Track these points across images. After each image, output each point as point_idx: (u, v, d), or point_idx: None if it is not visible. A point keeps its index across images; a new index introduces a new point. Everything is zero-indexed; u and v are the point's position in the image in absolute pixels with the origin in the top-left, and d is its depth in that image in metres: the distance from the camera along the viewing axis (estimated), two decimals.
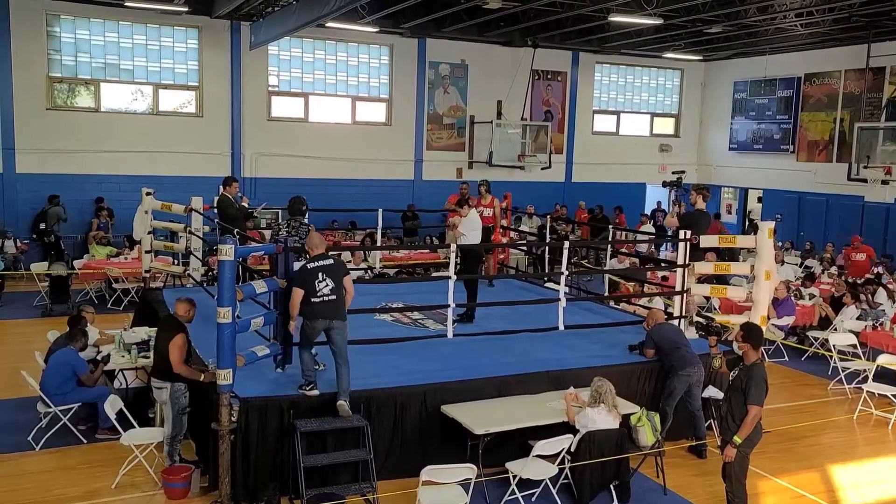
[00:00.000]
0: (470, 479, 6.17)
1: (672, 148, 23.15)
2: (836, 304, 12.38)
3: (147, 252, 11.27)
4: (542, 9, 16.41)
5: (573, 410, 7.01)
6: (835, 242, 17.47)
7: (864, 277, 14.22)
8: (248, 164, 17.91)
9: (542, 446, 6.56)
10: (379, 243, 13.96)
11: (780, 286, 11.53)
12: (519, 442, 6.93)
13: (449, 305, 8.59)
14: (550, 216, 14.50)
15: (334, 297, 6.82)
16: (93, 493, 6.77)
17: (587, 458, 6.67)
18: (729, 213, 21.93)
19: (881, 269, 15.26)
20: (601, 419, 6.84)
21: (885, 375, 10.15)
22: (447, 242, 11.77)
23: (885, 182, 17.81)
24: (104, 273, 13.66)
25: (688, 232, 9.27)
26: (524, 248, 15.82)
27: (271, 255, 7.89)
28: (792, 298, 12.16)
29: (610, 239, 14.16)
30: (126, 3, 15.34)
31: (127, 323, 10.35)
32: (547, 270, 13.08)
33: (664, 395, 7.97)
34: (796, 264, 16.81)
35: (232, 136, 17.73)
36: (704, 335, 9.05)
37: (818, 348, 11.38)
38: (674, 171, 17.32)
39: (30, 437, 7.69)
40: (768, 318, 9.78)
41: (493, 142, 19.80)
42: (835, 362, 10.76)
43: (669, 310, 10.22)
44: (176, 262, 13.16)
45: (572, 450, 6.75)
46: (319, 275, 6.80)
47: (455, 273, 8.74)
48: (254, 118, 17.96)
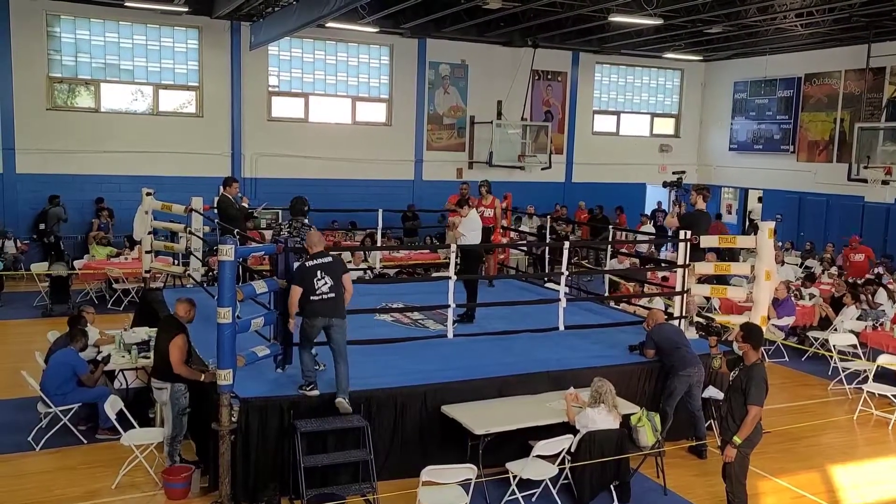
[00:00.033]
0: (470, 479, 6.17)
1: (672, 148, 23.15)
2: (837, 304, 12.38)
3: (147, 252, 11.27)
4: (542, 9, 16.41)
5: (573, 410, 7.01)
6: (835, 243, 17.47)
7: (863, 278, 14.22)
8: (248, 165, 17.91)
9: (543, 446, 6.56)
10: (379, 243, 13.97)
11: (781, 286, 11.52)
12: (519, 442, 6.93)
13: (449, 306, 8.59)
14: (550, 216, 14.50)
15: (333, 295, 6.82)
16: (93, 494, 6.76)
17: (587, 459, 6.67)
18: (729, 213, 21.92)
19: (881, 270, 15.26)
20: (601, 419, 6.84)
21: (886, 376, 10.15)
22: (447, 243, 11.76)
23: (885, 182, 17.81)
24: (104, 273, 13.66)
25: (688, 232, 9.28)
26: (524, 248, 15.82)
27: (272, 256, 7.88)
28: (792, 299, 12.15)
29: (610, 239, 14.16)
30: (126, 4, 15.34)
31: (127, 323, 10.35)
32: (547, 271, 13.09)
33: (664, 395, 7.97)
34: (796, 264, 16.80)
35: (232, 136, 17.73)
36: (704, 335, 9.06)
37: (818, 348, 11.38)
38: (674, 172, 17.31)
39: (30, 438, 7.69)
40: (768, 319, 9.78)
41: (494, 142, 19.78)
42: (835, 362, 10.76)
43: (670, 310, 10.21)
44: (176, 262, 13.15)
45: (572, 450, 6.75)
46: (318, 273, 6.80)
47: (455, 273, 8.74)
48: (254, 118, 17.96)
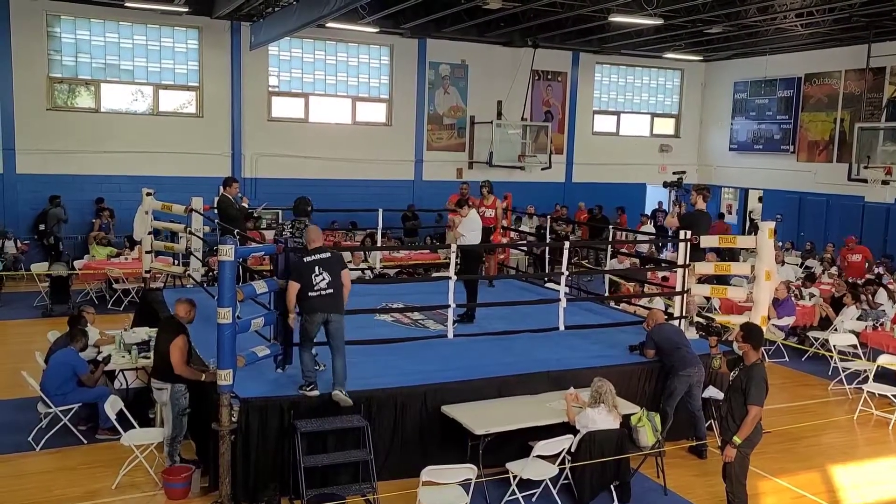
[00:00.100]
0: (470, 479, 6.17)
1: (672, 148, 23.14)
2: (837, 304, 12.37)
3: (147, 252, 11.27)
4: (542, 9, 16.41)
5: (573, 411, 7.01)
6: (835, 243, 17.46)
7: (861, 278, 14.21)
8: (249, 165, 17.90)
9: (543, 446, 6.56)
10: (379, 243, 13.98)
11: (781, 286, 11.52)
12: (519, 442, 6.93)
13: (449, 306, 8.59)
14: (550, 216, 14.49)
15: (331, 291, 6.82)
16: (93, 494, 6.76)
17: (587, 459, 6.67)
18: (729, 213, 21.91)
19: (881, 270, 15.25)
20: (601, 419, 6.83)
21: (886, 376, 10.15)
22: (447, 243, 11.76)
23: (885, 182, 17.80)
24: (104, 273, 13.66)
25: (688, 232, 9.28)
26: (524, 248, 15.82)
27: (272, 256, 7.88)
28: (792, 299, 12.15)
29: (610, 239, 14.15)
30: (126, 4, 15.33)
31: (127, 323, 10.36)
32: (547, 271, 13.08)
33: (664, 395, 7.97)
34: (797, 264, 16.81)
35: (232, 136, 17.73)
36: (705, 335, 9.05)
37: (818, 349, 11.38)
38: (674, 172, 17.29)
39: (30, 438, 7.69)
40: (768, 319, 9.78)
41: (494, 142, 19.77)
42: (835, 362, 10.76)
43: (670, 310, 10.21)
44: (176, 262, 13.16)
45: (572, 450, 6.75)
46: (316, 268, 6.80)
47: (455, 273, 8.74)
48: (254, 118, 17.96)
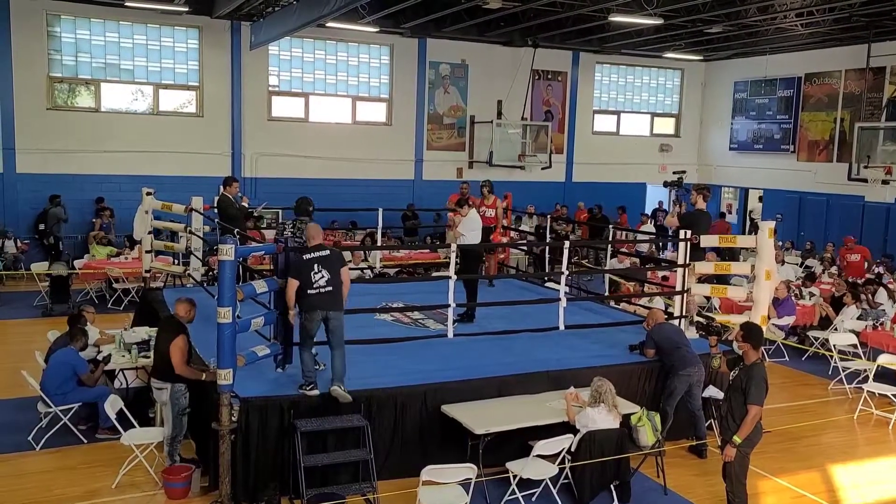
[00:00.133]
0: (470, 479, 6.16)
1: (672, 148, 23.13)
2: (837, 303, 12.37)
3: (147, 252, 11.27)
4: (542, 9, 16.40)
5: (573, 410, 7.00)
6: (835, 242, 17.46)
7: (860, 278, 14.21)
8: (249, 164, 17.90)
9: (543, 446, 6.55)
10: (379, 243, 13.98)
11: (781, 286, 11.52)
12: (519, 442, 6.93)
13: (449, 305, 8.59)
14: (551, 216, 14.49)
15: (330, 289, 6.82)
16: (93, 493, 6.77)
17: (587, 458, 6.67)
18: (729, 213, 21.91)
19: (882, 269, 15.25)
20: (601, 419, 6.83)
21: (886, 375, 10.15)
22: (447, 242, 11.76)
23: (885, 182, 17.80)
24: (104, 273, 13.66)
25: (688, 232, 9.28)
26: (524, 247, 15.82)
27: (273, 255, 7.88)
28: (792, 298, 12.15)
29: (610, 238, 14.15)
30: (126, 3, 15.33)
31: (127, 323, 10.36)
32: (547, 270, 13.08)
33: (664, 394, 7.97)
34: (797, 264, 16.81)
35: (232, 136, 17.72)
36: (705, 335, 9.05)
37: (818, 348, 11.38)
38: (675, 171, 17.30)
39: (30, 437, 7.70)
40: (769, 318, 9.78)
41: (494, 142, 19.77)
42: (835, 362, 10.76)
43: (670, 310, 10.22)
44: (176, 262, 13.17)
45: (572, 450, 6.75)
46: (315, 266, 6.80)
47: (455, 273, 8.74)
48: (254, 118, 17.95)
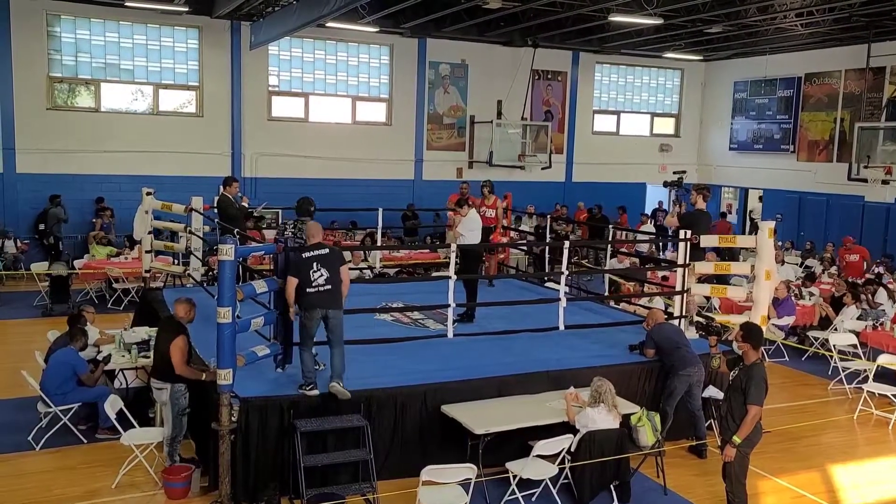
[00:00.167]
0: (470, 479, 6.16)
1: (672, 148, 23.13)
2: (837, 303, 12.37)
3: (147, 252, 11.27)
4: (542, 9, 16.40)
5: (573, 410, 7.00)
6: (835, 242, 17.46)
7: (860, 278, 14.20)
8: (249, 164, 17.90)
9: (542, 446, 6.55)
10: (379, 243, 13.98)
11: (781, 286, 11.51)
12: (519, 442, 6.92)
13: (449, 305, 8.59)
14: (550, 216, 14.49)
15: (329, 287, 6.82)
16: (93, 493, 6.77)
17: (587, 458, 6.67)
18: (729, 212, 21.91)
19: (881, 269, 15.25)
20: (601, 419, 6.83)
21: (886, 375, 10.15)
22: (447, 242, 11.76)
23: (885, 182, 17.80)
24: (104, 273, 13.66)
25: (688, 232, 9.27)
26: (524, 247, 15.82)
27: (273, 255, 7.88)
28: (792, 298, 12.15)
29: (609, 238, 14.14)
30: (126, 3, 15.33)
31: (127, 323, 10.35)
32: (547, 270, 13.08)
33: (664, 394, 7.97)
34: (797, 264, 16.81)
35: (232, 136, 17.72)
36: (704, 335, 9.04)
37: (818, 348, 11.38)
38: (675, 171, 17.30)
39: (30, 437, 7.69)
40: (768, 318, 9.78)
41: (494, 142, 19.77)
42: (835, 362, 10.76)
43: (670, 310, 10.22)
44: (176, 261, 13.17)
45: (572, 450, 6.75)
46: (314, 265, 6.79)
47: (455, 273, 8.74)
48: (254, 118, 17.95)
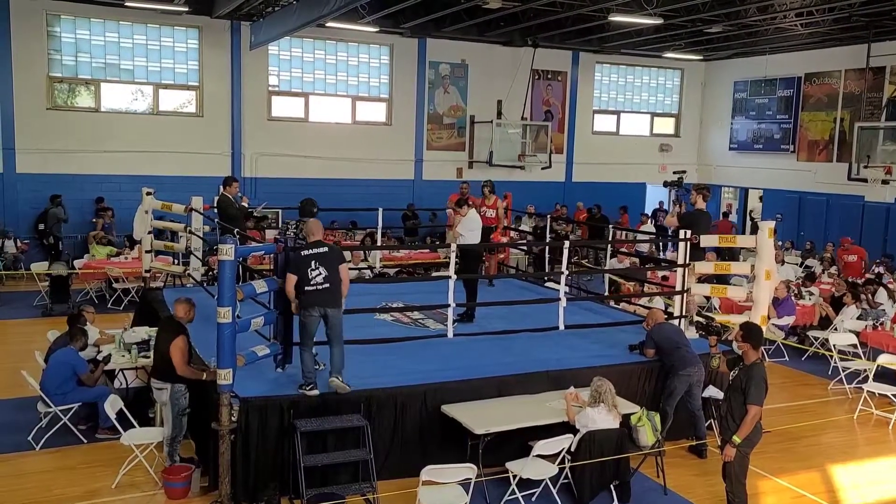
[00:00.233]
0: (470, 478, 6.16)
1: (672, 148, 23.13)
2: (837, 303, 12.37)
3: (147, 252, 11.27)
4: (542, 9, 16.40)
5: (573, 410, 7.00)
6: (835, 242, 17.45)
7: (859, 278, 14.20)
8: (249, 164, 17.90)
9: (542, 446, 6.55)
10: (379, 243, 13.98)
11: (781, 286, 11.51)
12: (519, 442, 6.92)
13: (449, 305, 8.59)
14: (550, 216, 14.49)
15: (328, 286, 6.81)
16: (93, 493, 6.77)
17: (587, 458, 6.67)
18: (729, 212, 21.89)
19: (882, 269, 15.25)
20: (601, 419, 6.83)
21: (886, 375, 10.15)
22: (447, 242, 11.77)
23: (885, 182, 17.79)
24: (104, 273, 13.66)
25: (688, 232, 9.27)
26: (524, 247, 15.82)
27: (274, 255, 7.88)
28: (792, 298, 12.15)
29: (609, 238, 14.14)
30: (126, 3, 15.33)
31: (127, 323, 10.35)
32: (547, 270, 13.07)
33: (664, 394, 7.96)
34: (796, 264, 16.81)
35: (232, 136, 17.72)
36: (704, 335, 9.05)
37: (818, 348, 11.38)
38: (675, 171, 17.33)
39: (30, 437, 7.69)
40: (768, 318, 9.78)
41: (494, 142, 19.77)
42: (835, 362, 10.76)
43: (670, 309, 10.22)
44: (176, 261, 13.17)
45: (572, 450, 6.75)
46: (312, 263, 6.79)
47: (455, 273, 8.74)
48: (254, 118, 17.95)
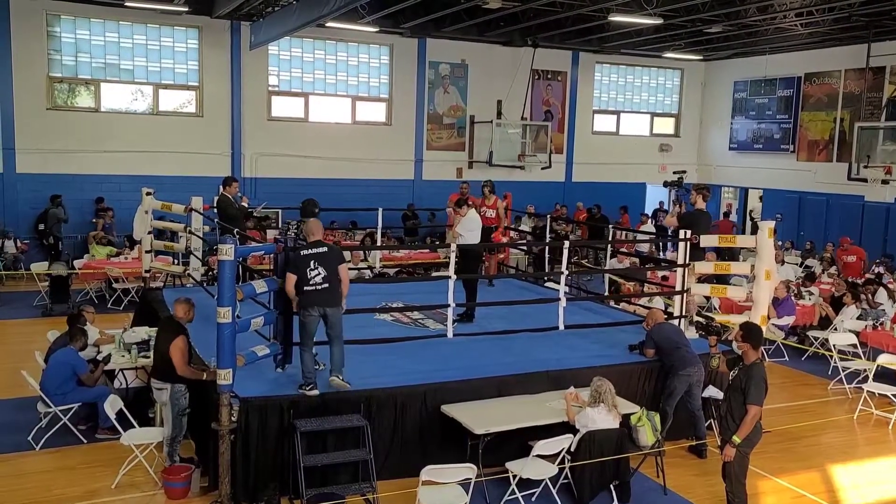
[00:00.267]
0: (470, 478, 6.16)
1: (672, 148, 23.13)
2: (837, 303, 12.37)
3: (147, 252, 11.28)
4: (542, 9, 16.40)
5: (573, 410, 7.00)
6: (834, 242, 17.45)
7: (858, 278, 14.19)
8: (248, 164, 17.90)
9: (542, 446, 6.55)
10: (379, 243, 13.98)
11: (780, 286, 11.52)
12: (519, 442, 6.93)
13: (449, 305, 8.59)
14: (550, 216, 14.49)
15: (327, 286, 6.81)
16: (93, 493, 6.77)
17: (587, 458, 6.67)
18: (729, 212, 21.90)
19: (882, 269, 15.25)
20: (601, 419, 6.83)
21: (886, 375, 10.15)
22: (447, 242, 11.77)
23: (885, 182, 17.79)
24: (104, 273, 13.66)
25: (688, 232, 9.27)
26: (524, 247, 15.82)
27: (274, 255, 7.89)
28: (792, 298, 12.15)
29: (609, 238, 14.14)
30: (126, 3, 15.33)
31: (127, 323, 10.35)
32: (547, 270, 13.08)
33: (664, 394, 7.96)
34: (796, 264, 16.80)
35: (232, 136, 17.72)
36: (704, 335, 9.04)
37: (818, 348, 11.38)
38: (675, 171, 17.31)
39: (30, 437, 7.70)
40: (768, 318, 9.78)
41: (493, 142, 19.78)
42: (835, 362, 10.76)
43: (669, 309, 10.22)
44: (176, 261, 13.17)
45: (572, 450, 6.75)
46: (311, 263, 6.79)
47: (455, 273, 8.74)
48: (254, 118, 17.95)
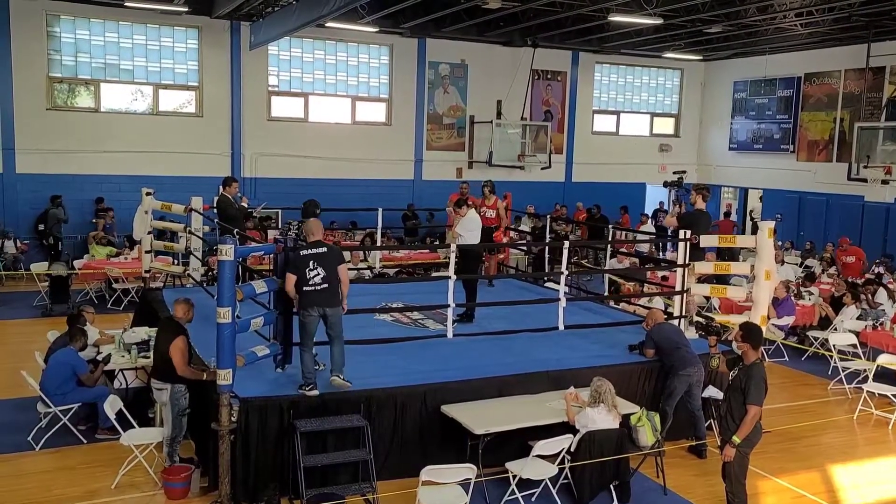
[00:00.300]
0: (470, 479, 6.16)
1: (672, 148, 23.14)
2: (836, 303, 12.37)
3: (147, 252, 11.27)
4: (542, 9, 16.40)
5: (573, 410, 7.00)
6: (834, 242, 17.45)
7: (858, 278, 14.19)
8: (248, 164, 17.90)
9: (542, 446, 6.55)
10: (379, 243, 13.98)
11: (780, 286, 11.51)
12: (519, 442, 6.93)
13: (449, 305, 8.59)
14: (550, 216, 14.49)
15: (326, 286, 6.81)
16: (93, 493, 6.77)
17: (587, 458, 6.67)
18: (729, 212, 21.91)
19: (882, 269, 15.25)
20: (601, 419, 6.83)
21: (886, 375, 10.15)
22: (447, 242, 11.77)
23: (885, 182, 17.80)
24: (104, 273, 13.66)
25: (688, 232, 9.27)
26: (524, 248, 15.82)
27: (274, 255, 7.89)
28: (792, 298, 12.15)
29: (609, 239, 14.14)
30: (126, 4, 15.34)
31: (127, 323, 10.35)
32: (547, 270, 13.07)
33: (664, 395, 7.97)
34: (796, 264, 16.80)
35: (232, 136, 17.73)
36: (704, 335, 9.04)
37: (818, 348, 11.38)
38: (675, 171, 17.33)
39: (30, 437, 7.70)
40: (768, 318, 9.78)
41: (493, 142, 19.79)
42: (835, 362, 10.76)
43: (669, 310, 10.22)
44: (176, 262, 13.17)
45: (572, 450, 6.75)
46: (310, 263, 6.79)
47: (455, 273, 8.74)
48: (254, 118, 17.95)
